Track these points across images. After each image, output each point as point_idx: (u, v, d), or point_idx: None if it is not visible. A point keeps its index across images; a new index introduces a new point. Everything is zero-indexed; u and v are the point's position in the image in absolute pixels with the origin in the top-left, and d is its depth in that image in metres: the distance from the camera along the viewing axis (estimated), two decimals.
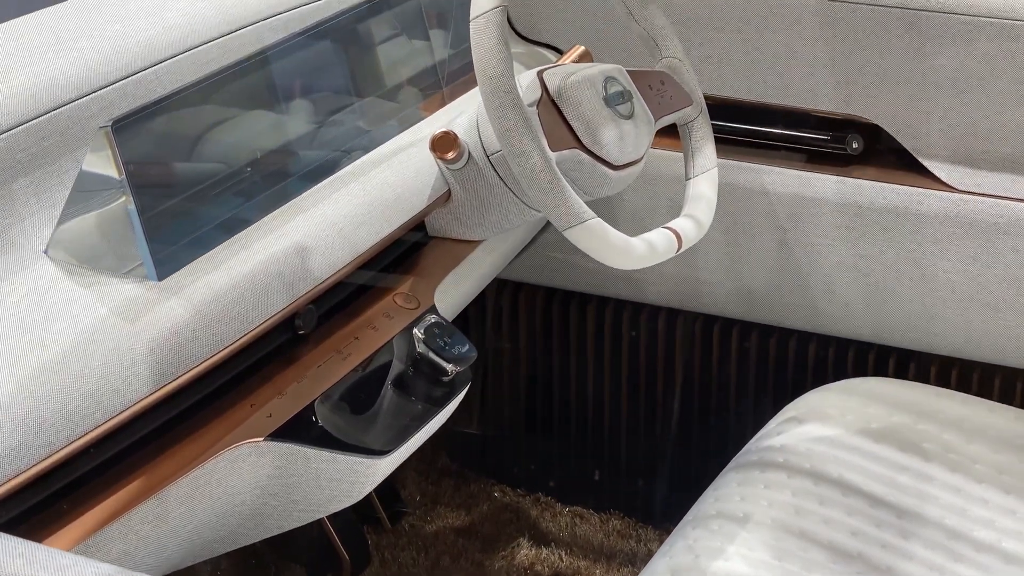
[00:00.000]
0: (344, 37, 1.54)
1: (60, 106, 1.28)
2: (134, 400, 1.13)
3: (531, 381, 2.12)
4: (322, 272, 1.33)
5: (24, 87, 1.27)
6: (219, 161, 1.32)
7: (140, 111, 1.23)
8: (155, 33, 1.42)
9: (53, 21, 1.41)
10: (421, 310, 1.44)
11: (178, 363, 1.17)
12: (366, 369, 1.36)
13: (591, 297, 2.02)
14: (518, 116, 1.34)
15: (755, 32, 1.75)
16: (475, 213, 1.53)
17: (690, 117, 1.59)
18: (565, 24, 1.85)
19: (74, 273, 1.19)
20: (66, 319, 1.14)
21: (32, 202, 1.24)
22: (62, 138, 1.27)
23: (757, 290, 1.87)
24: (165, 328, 1.17)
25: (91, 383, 1.11)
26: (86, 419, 1.09)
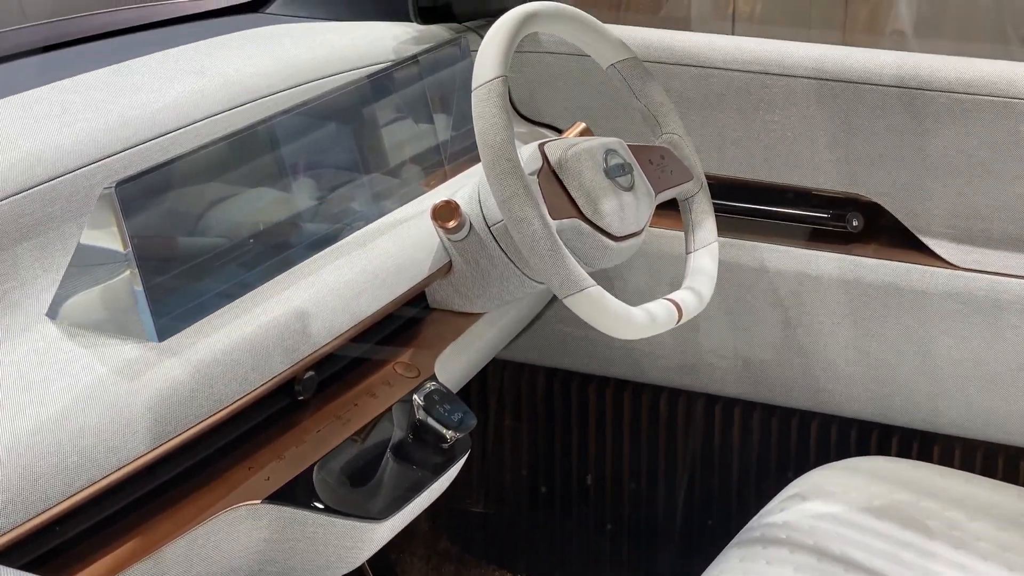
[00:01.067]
0: (348, 114, 1.55)
1: (65, 173, 1.30)
2: (131, 458, 1.13)
3: (534, 459, 2.11)
4: (322, 337, 1.33)
5: (30, 154, 1.29)
6: (222, 226, 1.33)
7: (144, 173, 1.25)
8: (160, 107, 1.44)
9: (59, 95, 1.44)
10: (421, 379, 1.43)
11: (176, 422, 1.17)
12: (366, 435, 1.35)
13: (592, 377, 2.01)
14: (519, 183, 1.35)
15: (755, 111, 1.77)
16: (476, 285, 1.54)
17: (690, 192, 1.60)
18: (566, 104, 1.87)
19: (75, 335, 1.19)
20: (65, 378, 1.14)
21: (36, 266, 1.25)
22: (67, 204, 1.29)
23: (759, 369, 1.87)
24: (164, 387, 1.17)
25: (88, 440, 1.10)
26: (82, 475, 1.09)
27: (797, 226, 1.80)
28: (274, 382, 1.27)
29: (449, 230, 1.48)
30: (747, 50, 1.77)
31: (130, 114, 1.41)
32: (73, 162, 1.32)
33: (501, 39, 1.41)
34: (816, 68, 1.73)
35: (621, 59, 1.59)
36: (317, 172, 1.49)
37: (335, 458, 1.32)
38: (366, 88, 1.57)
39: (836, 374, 1.82)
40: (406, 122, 1.65)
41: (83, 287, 1.22)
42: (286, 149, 1.44)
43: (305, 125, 1.47)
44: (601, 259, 1.50)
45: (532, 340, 1.98)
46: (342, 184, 1.51)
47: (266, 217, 1.39)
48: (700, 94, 1.79)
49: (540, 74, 1.87)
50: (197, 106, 1.47)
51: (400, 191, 1.59)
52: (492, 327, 1.65)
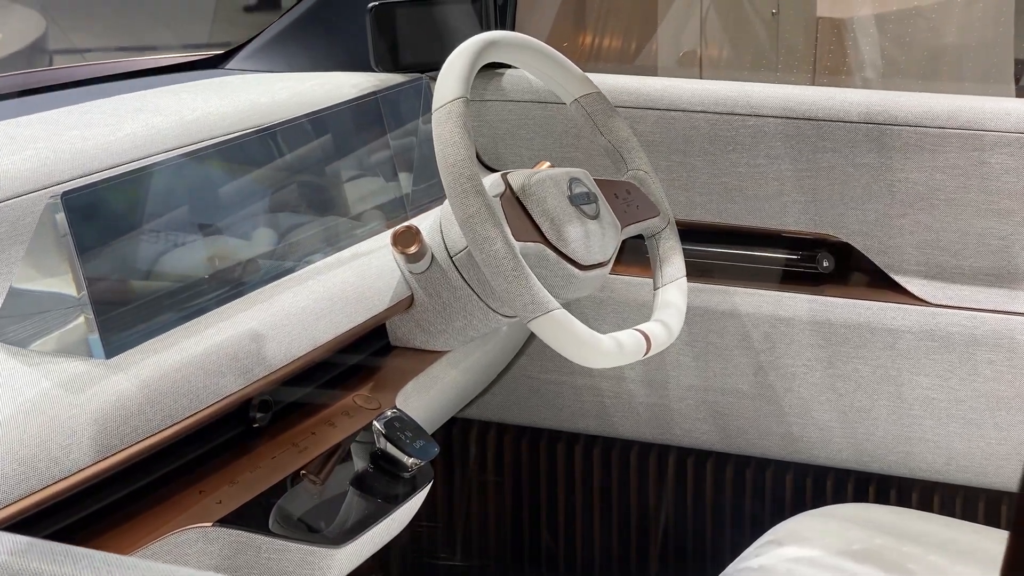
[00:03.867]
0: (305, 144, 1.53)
1: (11, 197, 1.27)
2: (74, 469, 1.07)
3: (515, 514, 2.05)
4: (279, 359, 1.28)
5: None
6: (174, 248, 1.30)
7: (92, 186, 1.21)
8: (113, 140, 1.42)
9: (9, 128, 1.42)
10: (382, 411, 1.39)
11: (122, 436, 1.12)
12: (323, 463, 1.30)
13: (561, 434, 1.97)
14: (480, 202, 1.32)
15: (721, 153, 1.75)
16: (439, 319, 1.50)
17: (658, 228, 1.57)
18: (530, 152, 1.85)
19: (18, 353, 1.15)
20: (7, 392, 1.09)
21: None
22: (12, 228, 1.26)
23: (732, 418, 1.83)
24: (110, 400, 1.12)
25: (28, 450, 1.05)
26: (21, 484, 1.03)
27: (767, 268, 1.78)
28: (227, 402, 1.22)
29: (410, 256, 1.44)
30: (712, 91, 1.76)
31: (81, 146, 1.39)
32: (20, 187, 1.29)
33: (462, 63, 1.39)
34: (782, 107, 1.72)
35: (585, 94, 1.57)
36: (275, 199, 1.45)
37: (290, 485, 1.27)
38: (325, 120, 1.55)
39: (810, 420, 1.78)
40: (366, 157, 1.62)
41: (27, 305, 1.18)
42: (243, 173, 1.41)
43: (263, 152, 1.45)
44: (566, 289, 1.46)
45: (500, 397, 1.94)
46: (301, 212, 1.48)
47: (221, 241, 1.35)
48: (666, 137, 1.78)
49: (503, 122, 1.86)
50: (151, 141, 1.45)
51: (361, 228, 1.56)
52: (456, 367, 1.60)
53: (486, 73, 1.85)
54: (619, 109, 1.63)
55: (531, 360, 1.89)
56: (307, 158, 1.53)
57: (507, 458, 2.01)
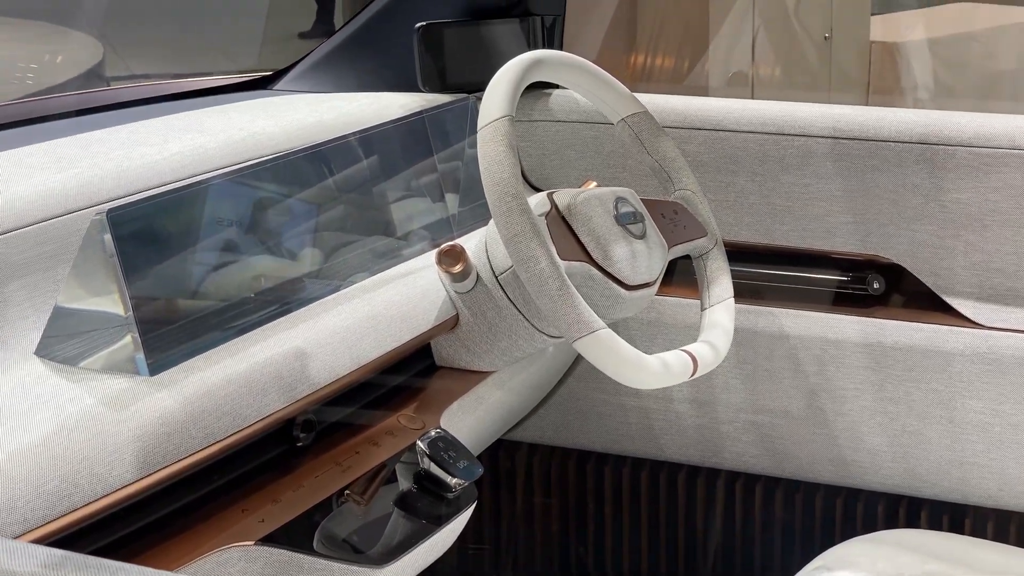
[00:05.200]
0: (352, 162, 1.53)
1: (58, 215, 1.28)
2: (117, 486, 1.07)
3: (562, 536, 2.03)
4: (322, 378, 1.28)
5: (22, 196, 1.27)
6: (219, 265, 1.30)
7: (137, 203, 1.22)
8: (158, 159, 1.42)
9: (54, 148, 1.43)
10: (426, 431, 1.38)
11: (165, 453, 1.12)
12: (367, 482, 1.29)
13: (608, 456, 1.95)
14: (526, 221, 1.31)
15: (769, 174, 1.74)
16: (483, 339, 1.49)
17: (705, 248, 1.56)
18: (577, 172, 1.84)
19: (63, 371, 1.15)
20: (50, 408, 1.10)
21: (25, 305, 1.21)
22: (59, 246, 1.26)
23: (781, 442, 1.80)
24: (153, 418, 1.12)
25: (70, 466, 1.05)
26: (64, 500, 1.03)
27: (816, 290, 1.75)
28: (270, 420, 1.22)
29: (454, 276, 1.44)
30: (761, 111, 1.74)
31: (127, 164, 1.39)
32: (66, 205, 1.29)
33: (507, 82, 1.39)
34: (832, 127, 1.70)
35: (632, 113, 1.56)
36: (320, 218, 1.45)
37: (334, 504, 1.26)
38: (371, 140, 1.55)
39: (861, 444, 1.75)
40: (412, 176, 1.62)
41: (72, 324, 1.18)
42: (289, 192, 1.41)
43: (309, 171, 1.45)
44: (612, 309, 1.45)
45: (547, 418, 1.93)
46: (347, 231, 1.48)
47: (266, 259, 1.35)
48: (714, 157, 1.76)
49: (549, 141, 1.85)
50: (197, 161, 1.45)
51: (407, 248, 1.56)
52: (502, 388, 1.59)
53: (533, 93, 1.84)
54: (666, 129, 1.62)
55: (578, 381, 1.88)
56: (353, 177, 1.52)
57: (554, 480, 2.00)
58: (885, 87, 2.94)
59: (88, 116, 1.72)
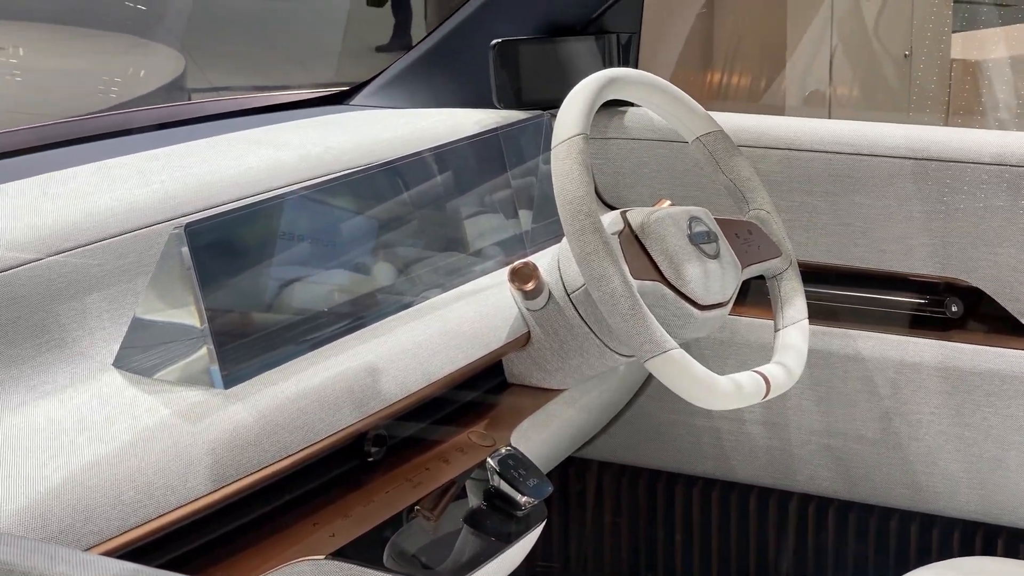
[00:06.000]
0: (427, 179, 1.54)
1: (139, 228, 1.29)
2: (190, 498, 1.08)
3: (632, 555, 2.02)
4: (394, 393, 1.28)
5: (105, 208, 1.29)
6: (294, 280, 1.31)
7: (215, 217, 1.23)
8: (238, 172, 1.44)
9: (138, 162, 1.45)
10: (497, 448, 1.38)
11: (239, 466, 1.13)
12: (437, 499, 1.29)
13: (679, 476, 1.94)
14: (598, 240, 1.31)
15: (846, 194, 1.72)
16: (555, 357, 1.49)
17: (779, 269, 1.55)
18: (651, 191, 1.83)
19: (140, 382, 1.17)
20: (127, 419, 1.11)
21: (104, 316, 1.23)
22: (139, 258, 1.27)
23: (855, 466, 1.78)
24: (227, 431, 1.13)
25: (146, 477, 1.06)
26: (139, 511, 1.05)
27: (892, 312, 1.73)
28: (342, 435, 1.22)
29: (527, 293, 1.44)
30: (837, 131, 1.73)
31: (207, 178, 1.41)
32: (147, 218, 1.31)
33: (582, 99, 1.39)
34: (909, 148, 1.68)
35: (707, 132, 1.56)
36: (394, 233, 1.46)
37: (404, 519, 1.26)
38: (446, 156, 1.56)
39: (936, 470, 1.73)
40: (486, 193, 1.62)
41: (149, 336, 1.20)
42: (364, 207, 1.42)
43: (384, 186, 1.46)
44: (684, 328, 1.44)
45: (618, 437, 1.92)
46: (420, 247, 1.49)
47: (340, 274, 1.36)
48: (789, 177, 1.75)
49: (624, 160, 1.84)
50: (275, 175, 1.47)
51: (481, 264, 1.56)
52: (571, 406, 1.59)
53: (608, 110, 1.84)
54: (741, 148, 1.61)
55: (649, 400, 1.87)
56: (427, 193, 1.53)
57: (624, 499, 1.99)
58: (966, 106, 2.90)
59: (169, 129, 1.75)
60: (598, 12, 1.87)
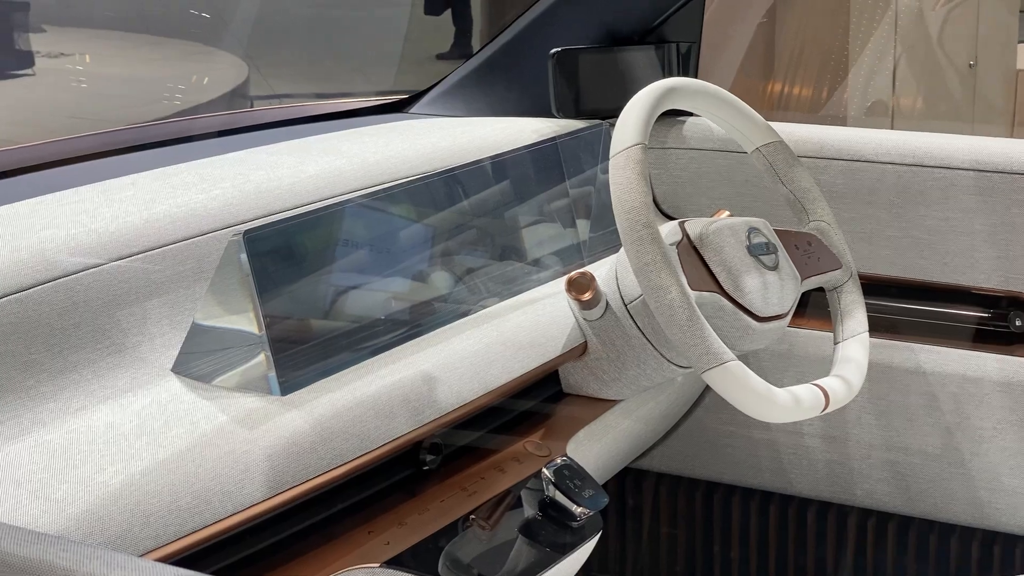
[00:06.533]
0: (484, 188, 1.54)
1: (198, 235, 1.30)
2: (246, 504, 1.09)
3: (688, 568, 2.01)
4: (450, 402, 1.28)
5: (165, 214, 1.30)
6: (350, 288, 1.31)
7: (274, 224, 1.24)
8: (297, 180, 1.44)
9: (198, 168, 1.46)
10: (552, 458, 1.37)
11: (294, 473, 1.13)
12: (492, 508, 1.29)
13: (736, 489, 1.92)
14: (656, 250, 1.30)
15: (908, 207, 1.70)
16: (612, 367, 1.48)
17: (839, 281, 1.53)
18: (709, 201, 1.82)
19: (197, 388, 1.18)
20: (185, 425, 1.12)
21: (164, 322, 1.24)
22: (198, 264, 1.28)
23: (915, 481, 1.76)
24: (283, 437, 1.14)
25: (203, 483, 1.07)
26: (195, 517, 1.05)
27: (954, 326, 1.71)
28: (398, 443, 1.22)
29: (584, 303, 1.43)
30: (899, 142, 1.71)
31: (267, 186, 1.42)
32: (207, 225, 1.32)
33: (641, 109, 1.38)
34: (973, 160, 1.66)
35: (767, 142, 1.55)
36: (452, 242, 1.46)
37: (459, 528, 1.26)
38: (504, 164, 1.56)
39: (999, 486, 1.70)
40: (544, 202, 1.62)
41: (208, 342, 1.21)
42: (422, 215, 1.42)
43: (442, 194, 1.46)
44: (742, 340, 1.43)
45: (674, 449, 1.91)
46: (478, 256, 1.49)
47: (398, 282, 1.37)
48: (850, 188, 1.73)
49: (682, 170, 1.84)
50: (334, 183, 1.47)
51: (538, 274, 1.56)
52: (629, 417, 1.58)
53: (667, 120, 1.83)
54: (802, 159, 1.60)
55: (707, 411, 1.86)
56: (485, 202, 1.53)
57: (681, 511, 1.98)
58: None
59: (231, 136, 1.76)
60: (658, 21, 1.87)
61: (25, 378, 1.11)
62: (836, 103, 2.58)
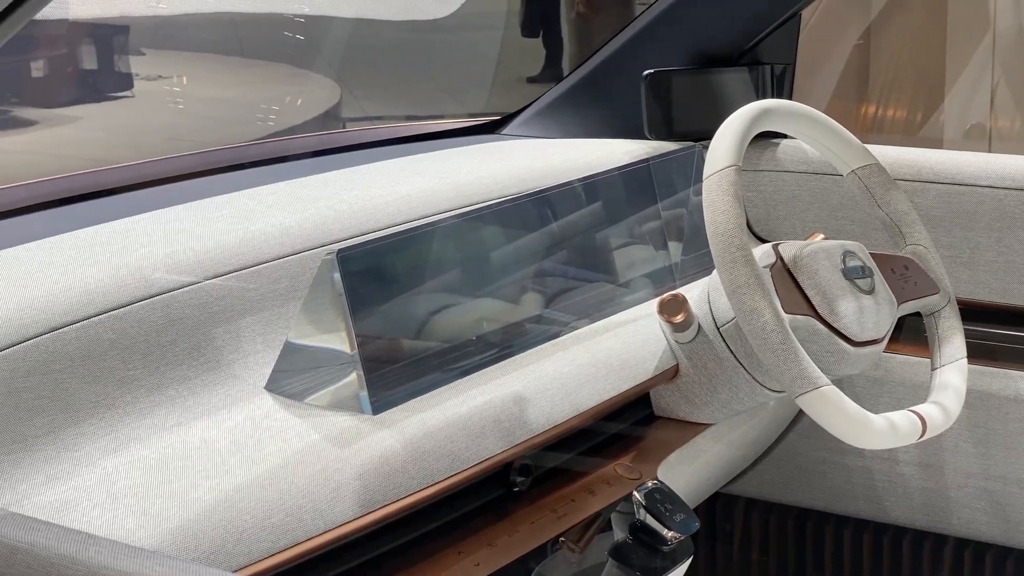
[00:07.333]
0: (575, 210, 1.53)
1: (293, 253, 1.31)
2: (337, 523, 1.09)
3: None
4: (541, 424, 1.28)
5: (261, 233, 1.31)
6: (442, 309, 1.31)
7: (367, 244, 1.24)
8: (389, 200, 1.45)
9: (292, 188, 1.48)
10: (643, 481, 1.36)
11: (385, 492, 1.13)
12: (582, 531, 1.28)
13: (829, 516, 1.89)
14: (750, 272, 1.29)
15: (1008, 230, 1.67)
16: (704, 391, 1.47)
17: (937, 306, 1.51)
18: (803, 224, 1.80)
19: (290, 406, 1.19)
20: (277, 442, 1.13)
21: (258, 341, 1.25)
22: (292, 283, 1.29)
23: (1015, 511, 1.72)
24: (375, 457, 1.14)
25: (295, 500, 1.08)
26: (287, 534, 1.06)
27: None
28: (488, 464, 1.22)
29: (676, 326, 1.42)
30: (1000, 166, 1.68)
31: (360, 205, 1.43)
32: (301, 244, 1.33)
33: (735, 130, 1.37)
34: None
35: (863, 165, 1.53)
36: (543, 263, 1.46)
37: (548, 551, 1.26)
38: (596, 186, 1.55)
39: None
40: (636, 224, 1.61)
41: (301, 360, 1.21)
42: (514, 236, 1.42)
43: (534, 216, 1.46)
44: (836, 365, 1.41)
45: (766, 474, 1.88)
46: (569, 277, 1.48)
47: (489, 303, 1.37)
48: (949, 212, 1.70)
49: (776, 192, 1.82)
50: (426, 203, 1.48)
51: (629, 296, 1.55)
52: (720, 441, 1.57)
53: (760, 142, 1.82)
54: (898, 182, 1.58)
55: (799, 436, 1.84)
56: (577, 223, 1.53)
57: (772, 537, 1.95)
58: None
59: (325, 157, 1.78)
60: (752, 43, 1.85)
61: (122, 394, 1.13)
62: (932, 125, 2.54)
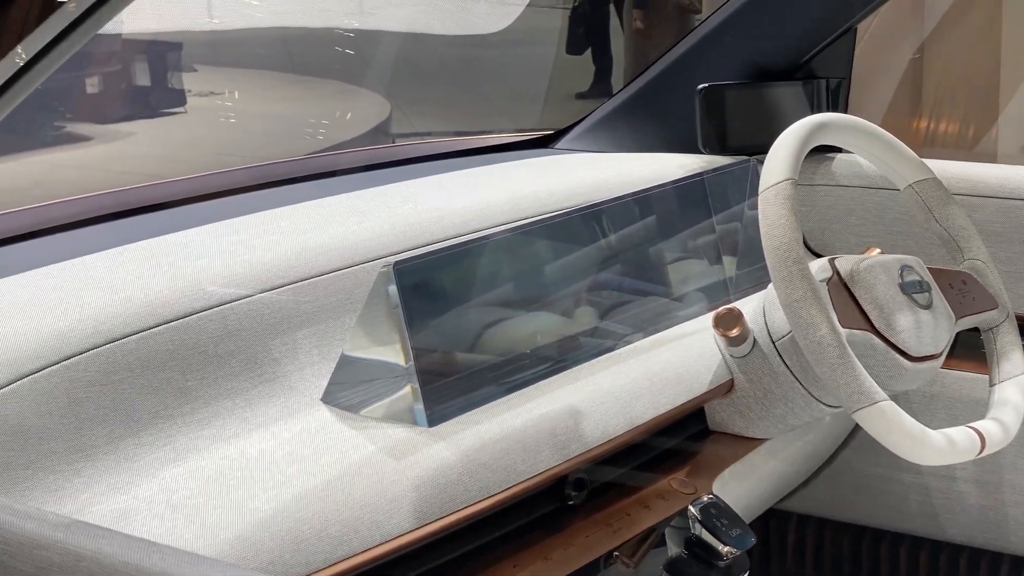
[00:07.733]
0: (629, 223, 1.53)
1: (349, 266, 1.32)
2: (394, 534, 1.09)
3: None
4: (596, 437, 1.28)
5: (316, 246, 1.32)
6: (498, 321, 1.31)
7: (424, 256, 1.25)
8: (445, 213, 1.46)
9: (348, 201, 1.48)
10: (699, 496, 1.36)
11: (441, 504, 1.13)
12: (637, 545, 1.28)
13: (884, 533, 1.88)
14: (806, 286, 1.28)
15: None
16: (759, 405, 1.46)
17: (995, 321, 1.49)
18: (859, 239, 1.79)
19: (346, 418, 1.19)
20: (334, 454, 1.13)
21: (314, 353, 1.25)
22: (348, 296, 1.30)
23: None
24: (430, 469, 1.14)
25: (352, 511, 1.08)
26: (344, 545, 1.06)
27: None
28: (543, 477, 1.22)
29: (731, 340, 1.42)
30: None
31: (415, 218, 1.43)
32: (358, 256, 1.33)
33: (791, 144, 1.37)
34: None
35: (920, 179, 1.51)
36: (598, 276, 1.46)
37: (602, 565, 1.25)
38: (651, 200, 1.55)
39: None
40: (690, 238, 1.61)
41: (356, 372, 1.22)
42: (569, 249, 1.42)
43: (589, 229, 1.45)
44: (894, 380, 1.40)
45: (821, 490, 1.87)
46: (624, 291, 1.48)
47: (544, 316, 1.36)
48: (1007, 227, 1.69)
49: (831, 207, 1.81)
50: (481, 216, 1.48)
51: (684, 310, 1.54)
52: (776, 456, 1.56)
53: (816, 157, 1.81)
54: (956, 196, 1.57)
55: (855, 453, 1.82)
56: (632, 237, 1.53)
57: (827, 554, 1.93)
58: None
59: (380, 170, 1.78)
60: (807, 57, 1.85)
61: (181, 404, 1.14)
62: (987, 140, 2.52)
